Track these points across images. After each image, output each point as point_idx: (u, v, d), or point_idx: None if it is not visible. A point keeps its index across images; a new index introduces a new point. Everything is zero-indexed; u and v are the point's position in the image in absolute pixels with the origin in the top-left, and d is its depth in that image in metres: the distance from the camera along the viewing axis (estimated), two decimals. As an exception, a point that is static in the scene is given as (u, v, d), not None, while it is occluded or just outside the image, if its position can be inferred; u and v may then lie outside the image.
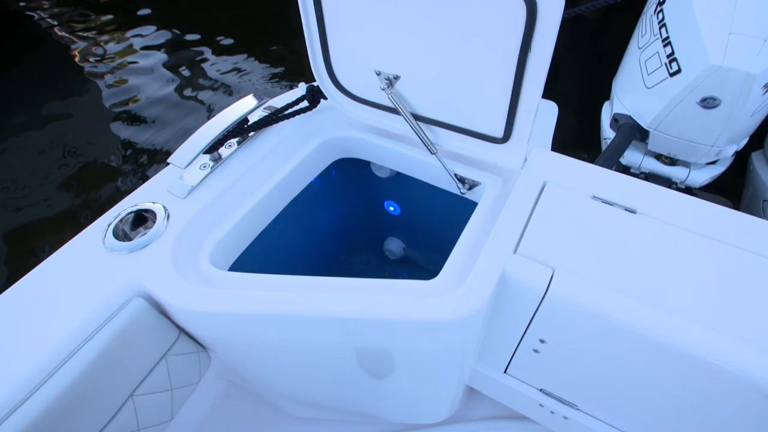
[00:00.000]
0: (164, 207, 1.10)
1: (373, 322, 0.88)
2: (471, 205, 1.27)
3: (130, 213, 1.08)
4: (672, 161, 2.23)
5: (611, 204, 1.03)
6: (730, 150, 2.08)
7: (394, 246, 1.93)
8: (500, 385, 1.30)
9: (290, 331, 0.94)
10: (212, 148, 1.16)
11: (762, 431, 0.86)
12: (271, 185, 1.22)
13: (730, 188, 2.64)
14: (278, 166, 1.26)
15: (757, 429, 0.87)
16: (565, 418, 1.25)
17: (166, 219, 1.08)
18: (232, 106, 1.24)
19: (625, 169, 2.38)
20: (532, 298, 0.92)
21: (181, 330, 1.05)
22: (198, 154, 1.11)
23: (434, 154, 1.17)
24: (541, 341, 1.06)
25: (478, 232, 1.03)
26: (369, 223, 1.89)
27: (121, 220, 1.06)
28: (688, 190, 2.27)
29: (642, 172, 2.31)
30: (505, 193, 1.13)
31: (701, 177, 2.18)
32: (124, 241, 1.02)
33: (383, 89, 1.12)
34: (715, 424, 0.93)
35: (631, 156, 2.31)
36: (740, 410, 0.86)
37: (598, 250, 0.95)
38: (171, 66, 4.56)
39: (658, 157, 2.29)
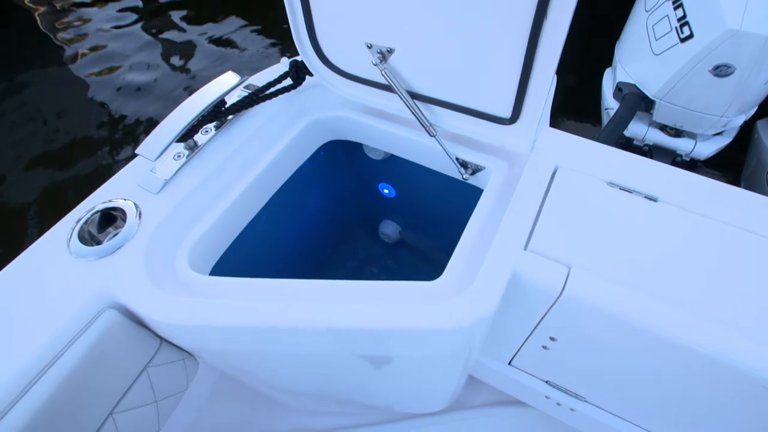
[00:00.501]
0: (135, 204, 0.99)
1: (372, 332, 0.80)
2: (473, 189, 1.18)
3: (97, 212, 0.96)
4: (677, 133, 2.14)
5: (629, 191, 0.94)
6: (739, 120, 1.98)
7: (389, 229, 1.84)
8: (504, 376, 1.25)
9: (283, 342, 0.86)
10: (186, 135, 1.04)
11: None
12: (255, 174, 1.10)
13: (727, 158, 2.55)
14: (262, 153, 1.14)
15: None
16: (572, 410, 1.21)
17: (137, 218, 0.97)
18: (207, 86, 1.11)
19: (629, 141, 2.28)
20: (545, 298, 0.84)
21: (163, 339, 0.97)
22: (170, 143, 0.98)
23: (433, 136, 1.06)
24: (552, 339, 0.99)
25: (484, 225, 0.94)
26: (362, 207, 1.79)
27: (86, 222, 0.95)
28: (693, 163, 2.19)
29: (646, 144, 2.22)
30: (512, 178, 1.03)
31: (707, 149, 2.09)
32: (91, 245, 0.92)
33: (375, 64, 1.00)
34: (736, 427, 0.88)
35: (635, 127, 2.21)
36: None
37: (616, 244, 0.86)
38: (150, 31, 4.28)
39: (663, 128, 2.19)
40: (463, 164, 1.11)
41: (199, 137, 1.11)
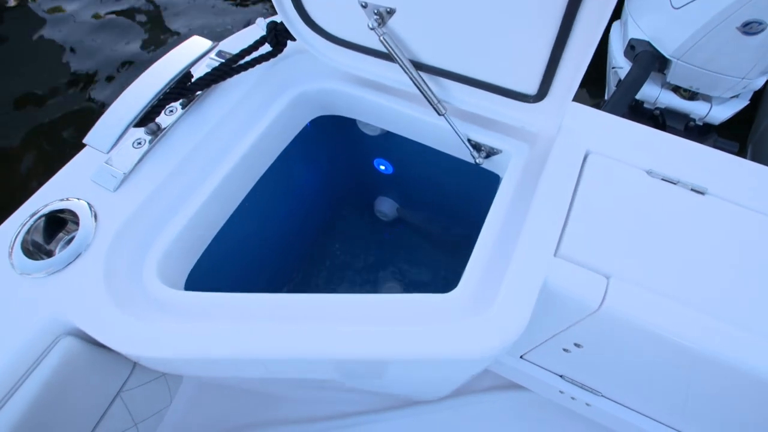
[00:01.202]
0: (89, 204, 0.83)
1: (380, 361, 0.68)
2: (481, 169, 1.03)
3: (42, 217, 0.80)
4: (692, 95, 1.99)
5: (673, 182, 0.81)
6: (759, 82, 1.84)
7: (386, 207, 1.70)
8: (514, 369, 1.17)
9: (277, 370, 0.74)
10: (146, 118, 0.86)
11: None
12: (233, 162, 0.94)
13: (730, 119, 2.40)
14: (239, 136, 0.97)
15: None
16: (588, 404, 1.14)
17: (93, 221, 0.81)
18: (169, 55, 0.92)
19: (638, 105, 2.13)
20: (579, 311, 0.73)
21: (136, 362, 0.84)
22: (126, 129, 0.81)
23: (442, 115, 0.90)
24: (577, 345, 0.89)
25: (505, 223, 0.81)
26: (356, 184, 1.64)
27: (30, 229, 0.79)
28: (706, 128, 2.06)
29: (657, 108, 2.07)
30: (534, 166, 0.89)
31: (723, 113, 1.95)
32: (37, 258, 0.77)
33: (372, 28, 0.82)
34: None
35: (646, 89, 2.05)
36: None
37: (660, 248, 0.74)
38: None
39: (676, 90, 2.03)
40: (476, 146, 0.96)
41: (163, 119, 0.94)
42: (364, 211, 1.75)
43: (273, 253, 1.41)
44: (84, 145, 0.83)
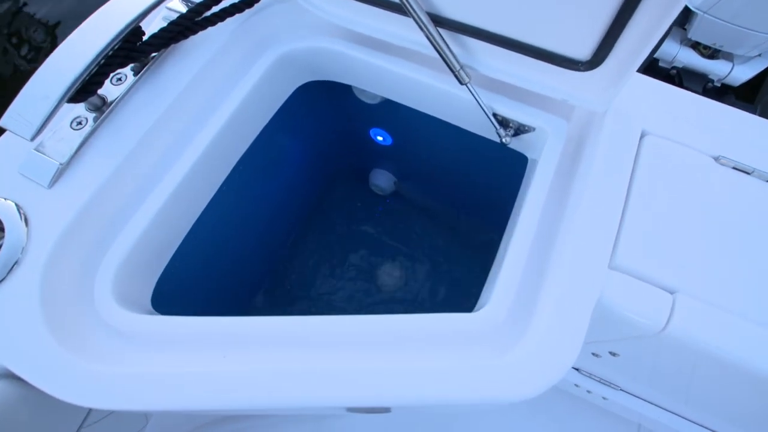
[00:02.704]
0: (16, 205, 0.64)
1: (402, 407, 0.55)
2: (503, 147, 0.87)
3: (-48, 225, 0.62)
4: (713, 53, 1.82)
5: (747, 172, 0.67)
6: (788, 38, 1.68)
7: (382, 180, 1.53)
8: None
9: (270, 411, 0.61)
10: (84, 90, 0.66)
11: None
12: (204, 143, 0.76)
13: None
14: (210, 109, 0.78)
15: None
16: (604, 398, 1.06)
17: (23, 226, 0.63)
18: (108, 6, 0.70)
19: (654, 63, 1.95)
20: (635, 331, 0.61)
21: None
22: (56, 106, 0.61)
23: (465, 84, 0.72)
24: (613, 354, 0.78)
25: (542, 223, 0.66)
26: (349, 156, 1.46)
27: (-64, 241, 0.61)
28: (723, 90, 1.91)
29: (674, 67, 1.90)
30: (573, 147, 0.73)
31: (744, 73, 1.80)
32: (-51, 279, 0.59)
33: None
34: None
35: (664, 46, 1.87)
36: None
37: (733, 255, 0.61)
38: None
39: (695, 46, 1.86)
40: (503, 122, 0.79)
41: (109, 90, 0.73)
42: (358, 185, 1.58)
43: (255, 242, 1.24)
44: (3, 130, 0.63)
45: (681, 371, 0.73)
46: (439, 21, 0.68)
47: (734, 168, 0.67)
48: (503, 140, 0.80)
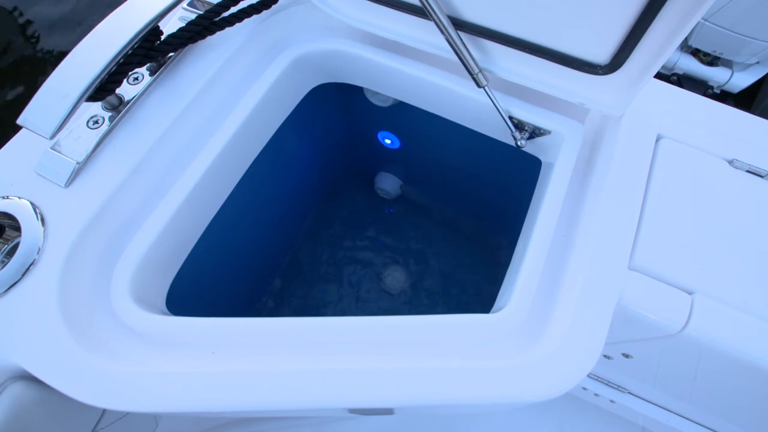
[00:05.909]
0: (32, 204, 0.64)
1: (414, 406, 0.55)
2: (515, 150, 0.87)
3: (-32, 224, 0.61)
4: (713, 60, 1.85)
5: (761, 175, 0.67)
6: (787, 46, 1.71)
7: (387, 184, 1.53)
8: None
9: (287, 413, 0.60)
10: (103, 89, 0.66)
11: None
12: (220, 144, 0.75)
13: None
14: (226, 110, 0.78)
15: None
16: (612, 401, 1.07)
17: (41, 227, 0.62)
18: (128, 5, 0.70)
19: (654, 70, 1.97)
20: (652, 332, 0.61)
21: None
22: (75, 105, 0.61)
23: (483, 87, 0.72)
24: (626, 356, 0.78)
25: (560, 225, 0.66)
26: (356, 158, 1.46)
27: (-48, 241, 0.60)
28: (723, 96, 1.93)
29: (674, 74, 1.93)
30: (588, 150, 0.74)
31: (744, 80, 1.83)
32: (-35, 279, 0.58)
33: None
34: None
35: (664, 53, 1.89)
36: None
37: (750, 256, 0.62)
38: None
39: (696, 53, 1.89)
40: (519, 125, 0.80)
41: (126, 90, 0.73)
42: (362, 188, 1.58)
43: (265, 240, 1.24)
44: (21, 127, 0.63)
45: (695, 372, 0.74)
46: (458, 24, 0.68)
47: (748, 171, 0.68)
48: (518, 143, 0.80)
